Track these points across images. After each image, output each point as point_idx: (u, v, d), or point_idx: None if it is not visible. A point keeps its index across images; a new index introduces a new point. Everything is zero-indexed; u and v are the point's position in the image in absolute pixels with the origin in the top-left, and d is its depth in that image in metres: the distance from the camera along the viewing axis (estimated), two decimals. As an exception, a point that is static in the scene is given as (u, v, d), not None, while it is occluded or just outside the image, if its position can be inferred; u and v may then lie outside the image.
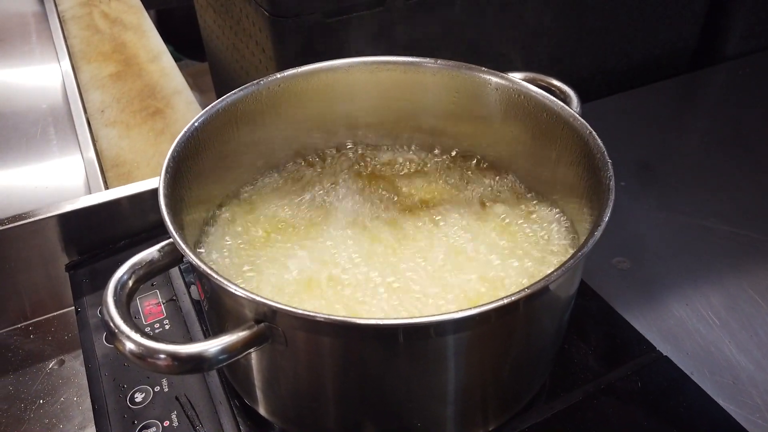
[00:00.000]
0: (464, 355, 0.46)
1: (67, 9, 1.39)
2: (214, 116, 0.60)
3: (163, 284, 0.70)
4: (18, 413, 0.65)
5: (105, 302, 0.43)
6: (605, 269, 0.77)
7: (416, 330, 0.43)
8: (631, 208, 0.86)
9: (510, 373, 0.52)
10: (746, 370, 0.65)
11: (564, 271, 0.43)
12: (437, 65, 0.66)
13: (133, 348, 0.41)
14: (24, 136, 1.02)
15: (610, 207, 0.48)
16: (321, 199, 0.66)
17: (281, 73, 0.65)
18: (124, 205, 0.77)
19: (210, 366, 0.43)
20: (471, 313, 0.41)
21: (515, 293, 0.42)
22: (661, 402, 0.59)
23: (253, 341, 0.43)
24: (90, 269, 0.74)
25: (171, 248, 0.49)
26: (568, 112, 0.58)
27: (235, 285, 0.42)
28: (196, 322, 0.65)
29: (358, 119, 0.71)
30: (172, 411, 0.57)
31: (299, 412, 0.53)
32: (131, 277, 0.46)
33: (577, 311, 0.65)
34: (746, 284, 0.75)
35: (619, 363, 0.62)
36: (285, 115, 0.67)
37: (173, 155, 0.54)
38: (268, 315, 0.43)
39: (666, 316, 0.71)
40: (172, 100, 1.06)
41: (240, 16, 0.91)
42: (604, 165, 0.52)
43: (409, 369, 0.46)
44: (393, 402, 0.49)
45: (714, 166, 0.94)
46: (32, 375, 0.69)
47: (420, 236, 0.61)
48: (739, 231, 0.82)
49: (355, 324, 0.41)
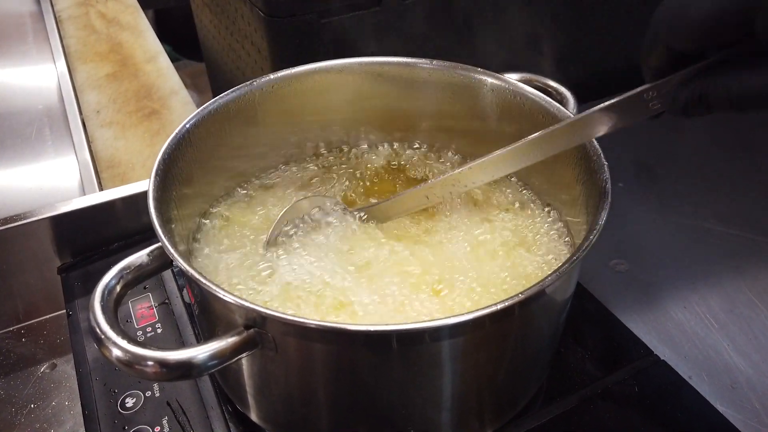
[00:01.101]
0: (459, 361, 0.45)
1: (63, 9, 1.39)
2: (206, 117, 0.60)
3: (156, 287, 0.69)
4: (9, 417, 0.64)
5: (92, 308, 0.43)
6: (602, 271, 0.77)
7: (410, 336, 0.42)
8: (629, 209, 0.85)
9: (506, 378, 0.51)
10: (745, 374, 0.65)
11: (559, 275, 0.43)
12: (433, 66, 0.66)
13: (120, 355, 0.41)
14: (19, 137, 1.01)
15: (606, 210, 0.47)
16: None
17: (275, 74, 0.64)
18: (118, 206, 0.76)
19: (199, 372, 0.42)
20: (465, 319, 0.40)
21: (510, 298, 0.41)
22: (659, 406, 0.58)
23: (243, 347, 0.43)
24: (83, 272, 0.74)
25: (160, 252, 0.48)
26: (564, 113, 0.58)
27: (224, 291, 0.42)
28: (188, 326, 0.65)
29: (353, 120, 0.70)
30: (163, 416, 0.57)
31: (291, 418, 0.52)
32: (119, 282, 0.45)
33: (573, 314, 0.64)
34: (745, 287, 0.74)
35: (616, 367, 0.61)
36: (279, 115, 0.66)
37: (163, 158, 0.54)
38: (258, 321, 0.42)
39: (664, 319, 0.71)
40: (169, 100, 1.05)
41: (235, 16, 0.90)
42: (600, 167, 0.51)
43: (403, 375, 0.45)
44: (386, 408, 0.48)
45: (713, 168, 0.93)
46: (23, 379, 0.68)
47: (413, 236, 0.60)
48: (738, 233, 0.81)
49: (346, 330, 0.41)
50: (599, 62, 1.05)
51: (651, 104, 0.45)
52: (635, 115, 0.46)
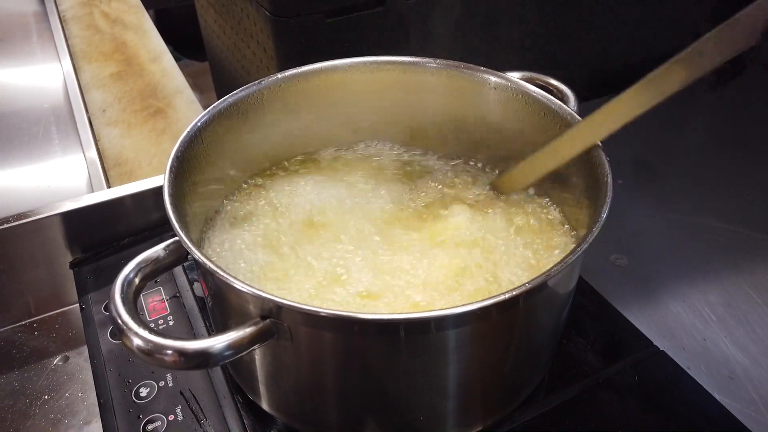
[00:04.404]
0: (465, 350, 0.47)
1: (67, 9, 1.40)
2: (216, 116, 0.61)
3: (167, 281, 0.71)
4: (23, 409, 0.66)
5: (112, 299, 0.44)
6: (603, 266, 0.78)
7: (417, 325, 0.44)
8: (629, 206, 0.87)
9: (510, 368, 0.52)
10: (742, 365, 0.66)
11: (563, 266, 0.44)
12: (436, 65, 0.67)
13: (141, 344, 0.42)
14: (26, 136, 1.02)
15: (607, 204, 0.49)
16: (323, 197, 0.66)
17: (282, 73, 0.66)
18: (127, 203, 0.78)
19: (216, 362, 0.43)
20: (471, 308, 0.42)
21: (515, 288, 0.42)
22: (658, 396, 0.60)
23: (259, 337, 0.44)
24: (94, 266, 0.75)
25: (176, 246, 0.49)
26: (566, 111, 0.59)
27: (241, 281, 0.43)
28: (199, 319, 0.66)
29: (358, 118, 0.72)
30: (176, 405, 0.58)
31: (302, 407, 0.54)
32: (137, 274, 0.47)
33: (575, 308, 0.66)
34: (743, 281, 0.76)
35: (617, 358, 0.63)
36: (286, 114, 0.68)
37: (177, 155, 0.55)
38: (274, 311, 0.44)
39: (663, 313, 0.72)
40: (174, 99, 1.06)
41: (241, 16, 0.92)
42: (601, 163, 0.53)
43: (411, 363, 0.47)
44: (395, 396, 0.49)
45: (712, 165, 0.95)
46: (37, 371, 0.70)
47: (418, 230, 0.62)
48: (737, 229, 0.83)
49: (358, 319, 0.42)
50: (601, 62, 1.07)
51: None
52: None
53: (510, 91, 0.64)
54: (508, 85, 0.64)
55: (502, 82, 0.64)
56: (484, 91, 0.66)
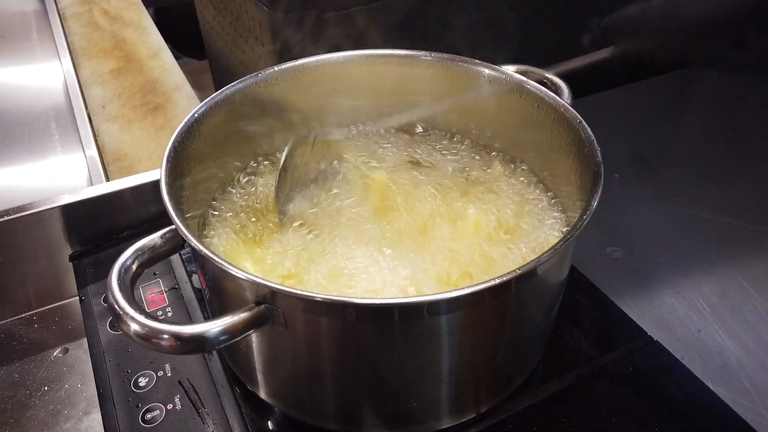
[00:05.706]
0: (457, 335, 0.47)
1: (67, 6, 1.40)
2: (213, 107, 0.62)
3: (165, 273, 0.71)
4: (23, 400, 0.66)
5: (109, 285, 0.45)
6: (599, 258, 0.79)
7: (410, 309, 0.44)
8: (624, 199, 0.88)
9: (502, 355, 0.53)
10: (735, 354, 0.67)
11: (553, 252, 0.45)
12: (432, 58, 0.68)
13: (138, 329, 0.43)
14: (26, 133, 1.03)
15: (599, 192, 0.49)
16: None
17: (279, 66, 0.66)
18: (126, 196, 0.78)
19: (211, 346, 0.44)
20: (463, 293, 0.42)
21: (506, 273, 0.43)
22: (652, 385, 0.60)
23: (254, 322, 0.45)
24: (94, 259, 0.76)
25: (172, 234, 0.50)
26: (559, 103, 0.60)
27: (236, 267, 0.44)
28: (197, 310, 0.67)
29: (354, 111, 0.72)
30: (175, 395, 0.59)
31: (298, 394, 0.54)
32: (134, 261, 0.47)
33: (571, 299, 0.66)
34: (737, 272, 0.76)
35: (612, 347, 0.63)
36: (283, 106, 0.68)
37: (174, 145, 0.56)
38: (268, 296, 0.44)
39: (658, 304, 0.73)
40: (173, 95, 1.07)
41: (239, 12, 0.92)
42: (593, 152, 0.53)
43: (405, 349, 0.48)
44: (389, 382, 0.50)
45: (707, 158, 0.96)
46: (37, 363, 0.70)
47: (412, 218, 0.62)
48: (731, 221, 0.84)
49: (352, 303, 0.43)
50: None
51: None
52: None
53: (504, 83, 0.65)
54: (502, 78, 0.65)
55: (497, 74, 0.65)
56: (479, 83, 0.66)
